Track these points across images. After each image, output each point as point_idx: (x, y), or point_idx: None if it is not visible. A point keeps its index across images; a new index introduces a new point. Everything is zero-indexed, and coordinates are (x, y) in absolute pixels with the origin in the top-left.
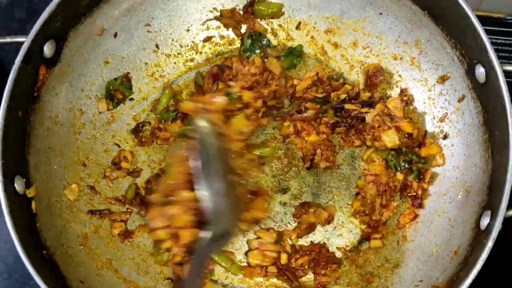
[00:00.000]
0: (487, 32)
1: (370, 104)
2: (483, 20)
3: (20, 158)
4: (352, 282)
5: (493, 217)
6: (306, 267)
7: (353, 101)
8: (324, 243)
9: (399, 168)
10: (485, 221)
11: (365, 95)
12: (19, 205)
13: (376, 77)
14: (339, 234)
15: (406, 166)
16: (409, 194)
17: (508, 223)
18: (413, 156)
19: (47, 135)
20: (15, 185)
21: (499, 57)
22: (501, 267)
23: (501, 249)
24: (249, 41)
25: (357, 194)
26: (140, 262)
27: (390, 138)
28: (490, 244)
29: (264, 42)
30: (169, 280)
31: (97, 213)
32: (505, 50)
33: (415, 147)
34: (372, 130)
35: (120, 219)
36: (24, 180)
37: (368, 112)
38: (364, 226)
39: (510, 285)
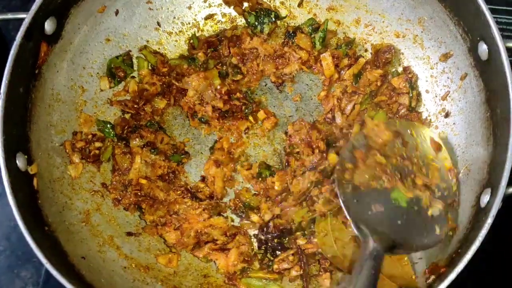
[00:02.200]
0: (491, 11)
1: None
2: None
3: (22, 135)
4: None
5: (493, 194)
6: None
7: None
8: None
9: None
10: (485, 199)
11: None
12: (21, 182)
13: (384, 55)
14: None
15: None
16: None
17: (508, 200)
18: None
19: (48, 112)
20: (17, 162)
21: (502, 36)
22: (500, 244)
23: (501, 226)
24: (253, 17)
25: None
26: (141, 239)
27: None
28: (489, 221)
29: (272, 15)
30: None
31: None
32: (509, 29)
33: None
34: None
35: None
36: (26, 157)
37: None
38: None
39: (509, 262)
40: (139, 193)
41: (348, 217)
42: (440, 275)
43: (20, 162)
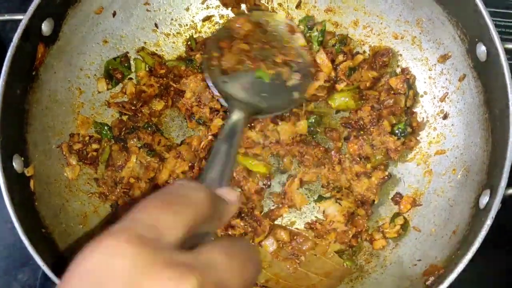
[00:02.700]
0: (490, 14)
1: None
2: (485, 1)
3: (19, 136)
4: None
5: (492, 195)
6: None
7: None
8: None
9: None
10: (484, 200)
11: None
12: (18, 184)
13: (381, 57)
14: None
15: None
16: None
17: (507, 201)
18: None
19: (45, 114)
20: (14, 163)
21: (501, 39)
22: (499, 246)
23: (500, 228)
24: None
25: None
26: None
27: None
28: (489, 222)
29: None
30: None
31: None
32: (508, 32)
33: None
34: None
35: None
36: (23, 158)
37: None
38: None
39: (508, 263)
40: (128, 192)
41: (216, 93)
42: (439, 276)
43: (17, 164)
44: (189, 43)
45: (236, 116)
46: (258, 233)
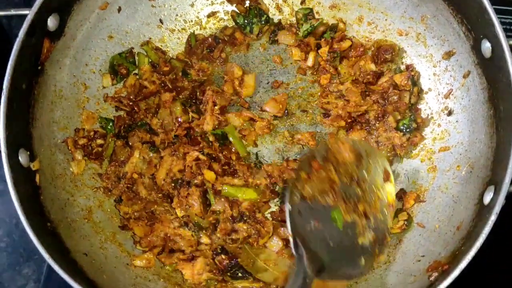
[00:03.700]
0: (495, 11)
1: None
2: None
3: (24, 131)
4: None
5: (497, 192)
6: None
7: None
8: None
9: None
10: (488, 196)
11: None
12: (23, 178)
13: (384, 53)
14: None
15: None
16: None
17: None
18: None
19: (51, 109)
20: (19, 158)
21: (506, 36)
22: (503, 242)
23: (504, 224)
24: (242, 18)
25: None
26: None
27: None
28: (493, 218)
29: (264, 18)
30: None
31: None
32: None
33: None
34: None
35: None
36: (28, 153)
37: None
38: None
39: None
40: (131, 187)
41: (289, 229)
42: (443, 272)
43: (23, 158)
44: (189, 39)
45: (306, 274)
46: (262, 235)
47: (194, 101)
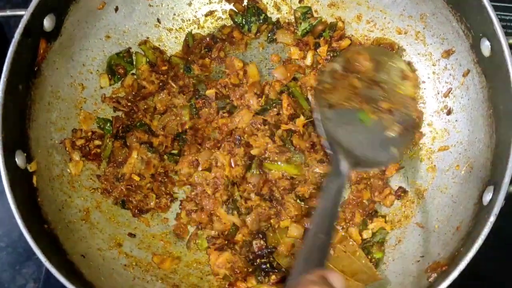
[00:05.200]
0: (495, 8)
1: None
2: None
3: (21, 132)
4: None
5: (496, 192)
6: None
7: None
8: None
9: None
10: (487, 197)
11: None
12: (20, 180)
13: None
14: None
15: None
16: None
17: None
18: None
19: (48, 110)
20: (16, 159)
21: (506, 34)
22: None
23: (503, 224)
24: (240, 17)
25: None
26: (142, 237)
27: None
28: (492, 219)
29: (262, 17)
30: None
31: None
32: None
33: None
34: None
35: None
36: (25, 154)
37: None
38: None
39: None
40: (130, 188)
41: (322, 133)
42: (442, 273)
43: (20, 159)
44: (187, 38)
45: (344, 168)
46: (281, 216)
47: (196, 97)
